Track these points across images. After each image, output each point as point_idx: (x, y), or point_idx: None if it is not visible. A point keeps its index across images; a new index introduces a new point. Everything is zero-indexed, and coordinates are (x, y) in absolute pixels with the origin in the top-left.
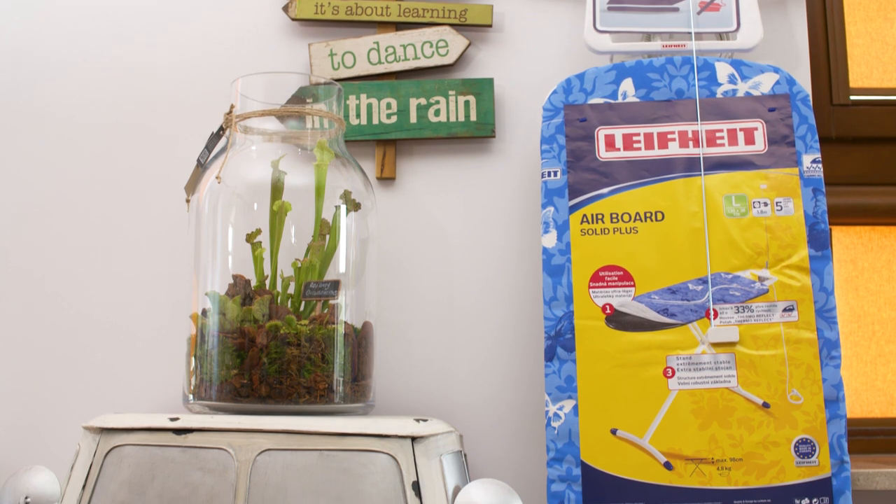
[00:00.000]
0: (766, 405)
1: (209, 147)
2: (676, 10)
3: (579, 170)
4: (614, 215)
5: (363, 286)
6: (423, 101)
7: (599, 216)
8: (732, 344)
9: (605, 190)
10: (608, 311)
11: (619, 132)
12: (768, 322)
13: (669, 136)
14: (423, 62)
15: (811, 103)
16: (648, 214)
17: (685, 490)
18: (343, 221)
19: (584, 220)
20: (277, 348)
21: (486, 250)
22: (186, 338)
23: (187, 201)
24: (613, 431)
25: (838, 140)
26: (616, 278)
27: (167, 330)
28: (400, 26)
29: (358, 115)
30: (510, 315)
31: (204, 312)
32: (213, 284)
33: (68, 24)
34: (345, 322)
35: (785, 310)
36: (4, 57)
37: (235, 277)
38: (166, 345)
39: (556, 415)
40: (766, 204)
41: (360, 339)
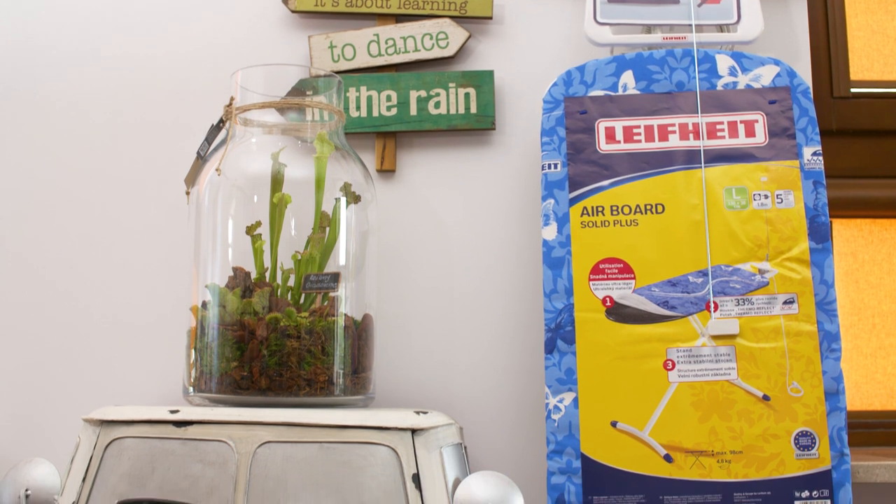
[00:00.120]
0: (766, 398)
1: (209, 139)
2: (677, 1)
3: (579, 162)
4: (614, 208)
5: (363, 278)
6: (423, 93)
7: (600, 208)
8: (732, 336)
9: (606, 182)
10: (608, 303)
11: (619, 124)
12: (768, 315)
13: (670, 129)
14: (424, 54)
15: (812, 96)
16: (649, 207)
17: (685, 482)
18: (343, 214)
19: (585, 212)
20: (277, 341)
21: (486, 243)
22: (186, 330)
23: (187, 193)
24: (613, 424)
25: (839, 132)
26: (616, 271)
27: (167, 322)
28: (400, 18)
29: (358, 108)
30: (510, 307)
31: (204, 305)
32: (213, 277)
33: (69, 15)
34: (345, 314)
35: (785, 302)
36: (6, 48)
37: (235, 270)
38: (166, 337)
39: (556, 407)
40: (766, 196)
41: (360, 332)
